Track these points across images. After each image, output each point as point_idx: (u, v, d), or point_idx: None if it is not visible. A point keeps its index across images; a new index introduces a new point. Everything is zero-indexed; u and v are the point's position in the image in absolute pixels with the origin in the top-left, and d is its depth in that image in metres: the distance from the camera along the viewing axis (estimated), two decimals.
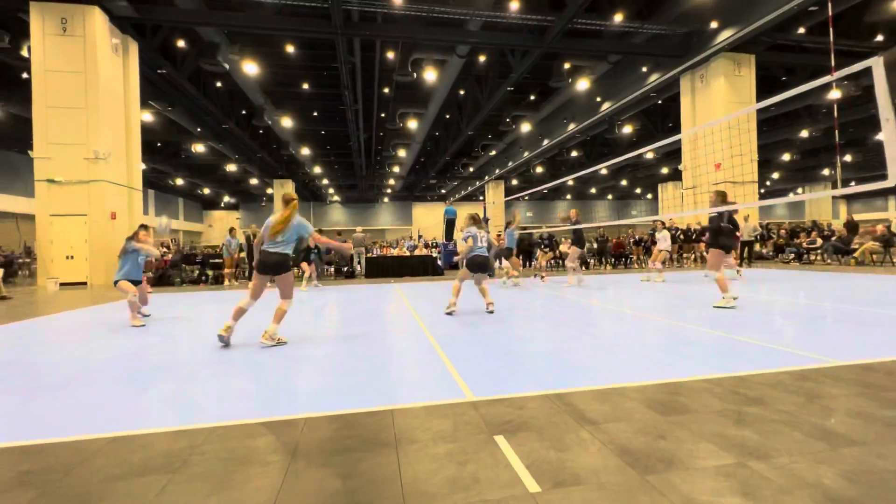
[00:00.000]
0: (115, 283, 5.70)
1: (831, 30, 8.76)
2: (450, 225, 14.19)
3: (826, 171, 33.09)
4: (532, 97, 21.01)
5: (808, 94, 16.81)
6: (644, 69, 16.45)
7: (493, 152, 28.73)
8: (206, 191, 38.37)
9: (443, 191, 43.02)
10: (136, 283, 5.82)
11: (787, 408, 2.41)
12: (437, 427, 2.26)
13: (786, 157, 28.69)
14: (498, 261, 10.65)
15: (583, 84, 17.31)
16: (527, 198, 43.81)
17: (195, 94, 16.69)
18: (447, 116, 23.33)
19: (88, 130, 11.97)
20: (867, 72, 3.13)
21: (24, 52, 12.67)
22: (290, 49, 15.94)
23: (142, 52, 13.83)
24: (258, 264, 4.29)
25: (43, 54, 11.73)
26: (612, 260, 15.05)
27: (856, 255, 12.67)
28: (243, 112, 21.45)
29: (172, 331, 5.30)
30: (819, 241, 14.10)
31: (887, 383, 2.75)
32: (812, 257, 14.11)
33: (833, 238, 14.19)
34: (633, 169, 32.81)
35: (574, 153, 28.52)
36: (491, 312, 5.69)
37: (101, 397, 2.86)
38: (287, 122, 21.50)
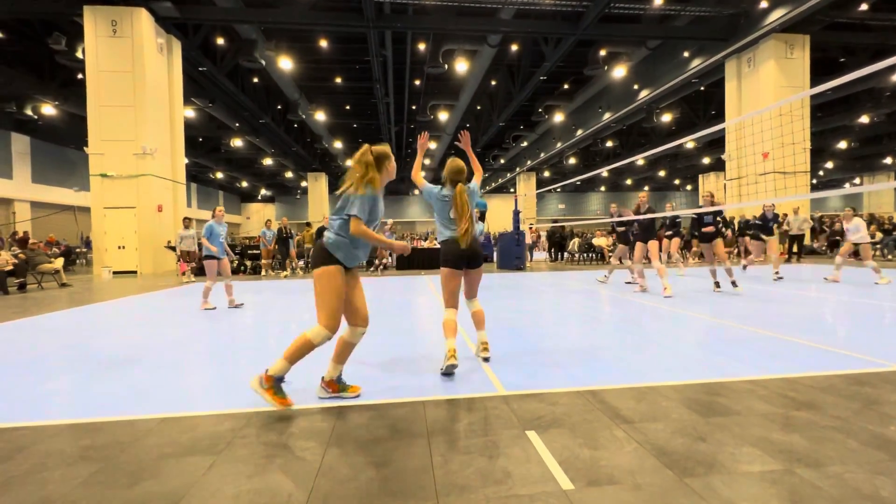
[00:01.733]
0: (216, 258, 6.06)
1: None
2: (481, 218, 14.11)
3: (889, 160, 30.66)
4: (566, 86, 20.48)
5: (870, 76, 15.57)
6: (686, 54, 15.69)
7: (525, 143, 28.29)
8: (244, 184, 39.78)
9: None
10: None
11: (841, 413, 2.27)
12: (468, 420, 2.27)
13: (842, 144, 26.76)
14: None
15: (619, 71, 16.72)
16: (559, 189, 42.94)
17: (234, 90, 17.27)
18: (478, 108, 23.12)
19: (137, 127, 12.63)
20: None
21: (79, 54, 13.46)
22: (323, 44, 16.19)
23: (184, 51, 14.41)
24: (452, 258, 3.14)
25: (96, 55, 12.43)
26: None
27: None
28: (279, 107, 22.03)
29: (218, 319, 5.55)
30: (878, 236, 13.12)
31: None
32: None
33: (895, 232, 13.18)
34: (671, 159, 31.50)
35: (609, 143, 27.67)
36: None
37: (153, 379, 3.04)
38: (320, 116, 21.92)
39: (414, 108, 22.62)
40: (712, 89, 18.98)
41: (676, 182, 41.40)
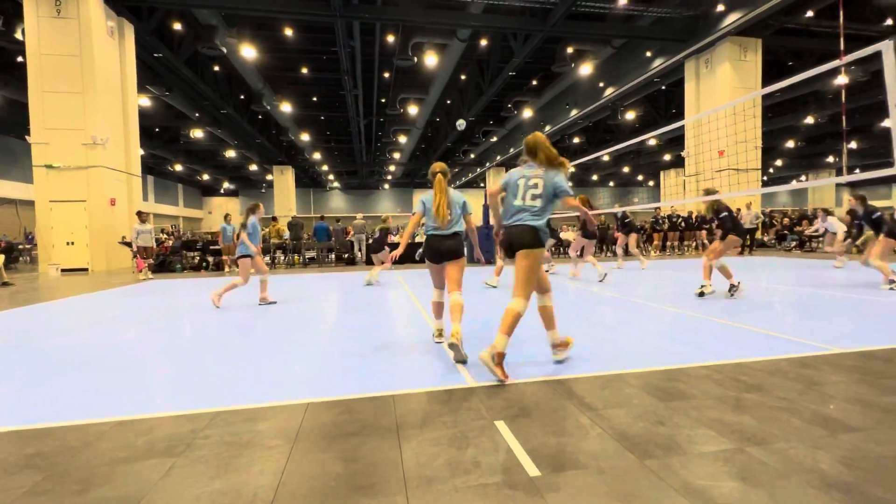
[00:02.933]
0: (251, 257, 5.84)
1: (841, 12, 8.60)
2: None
3: (830, 159, 32.82)
4: (534, 82, 20.74)
5: (815, 79, 16.57)
6: (648, 54, 16.20)
7: (495, 138, 28.50)
8: (206, 177, 38.21)
9: None
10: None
11: (786, 394, 2.42)
12: (438, 412, 2.28)
13: (790, 143, 28.42)
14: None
15: (585, 69, 17.08)
16: None
17: (193, 78, 16.50)
18: (448, 102, 23.07)
19: (86, 115, 11.86)
20: (876, 56, 3.07)
21: (19, 35, 12.49)
22: (288, 33, 15.69)
23: (138, 36, 13.62)
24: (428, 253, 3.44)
25: (37, 37, 11.57)
26: (613, 247, 15.01)
27: (857, 242, 12.64)
28: (242, 97, 21.23)
29: (174, 316, 5.32)
30: (821, 230, 14.04)
31: (886, 370, 2.76)
32: (814, 245, 14.07)
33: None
34: (635, 156, 32.55)
35: (576, 139, 28.28)
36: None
37: (107, 381, 2.89)
38: (286, 108, 21.29)
39: (383, 100, 22.32)
40: (673, 88, 19.71)
41: (640, 178, 42.83)
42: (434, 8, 13.36)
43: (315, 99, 22.89)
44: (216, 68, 18.33)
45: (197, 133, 24.28)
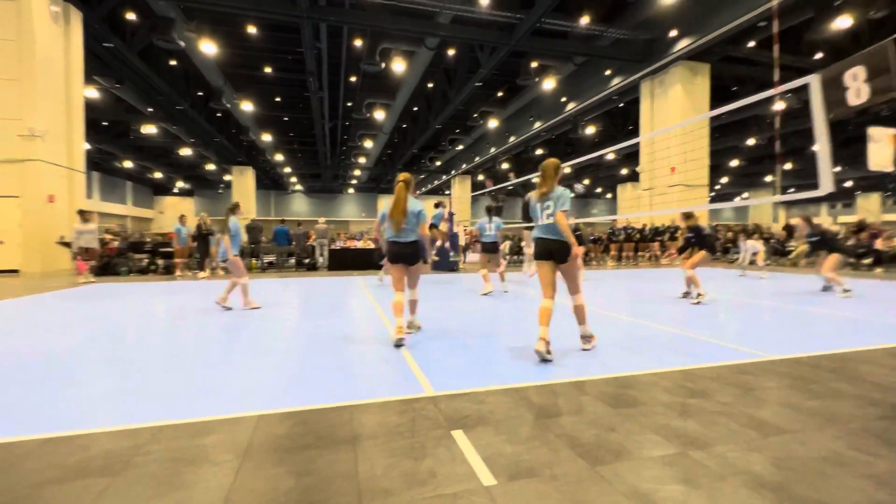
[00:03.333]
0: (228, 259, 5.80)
1: (776, 45, 9.41)
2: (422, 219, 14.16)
3: (769, 178, 35.43)
4: (500, 94, 21.17)
5: (756, 104, 17.89)
6: (607, 72, 16.95)
7: (461, 147, 28.82)
8: (158, 175, 36.23)
9: None
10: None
11: (726, 399, 2.58)
12: (395, 422, 2.26)
13: (734, 162, 30.46)
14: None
15: (549, 83, 17.63)
16: (493, 193, 44.21)
17: (146, 71, 15.68)
18: (415, 109, 23.12)
19: (23, 104, 11.00)
20: (807, 86, 3.37)
21: None
22: (252, 30, 15.26)
23: (86, 23, 12.81)
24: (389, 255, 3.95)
25: None
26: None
27: (791, 256, 13.69)
28: (200, 94, 20.36)
29: (116, 323, 4.99)
30: (742, 253, 15.11)
31: (812, 376, 3.00)
32: (754, 258, 15.09)
33: (772, 241, 15.24)
34: (594, 169, 33.83)
35: (539, 151, 29.05)
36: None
37: (35, 395, 2.66)
38: (248, 107, 20.63)
39: (349, 104, 22.08)
40: (630, 106, 20.69)
41: (599, 190, 44.50)
42: (402, 15, 13.41)
43: (278, 99, 22.32)
44: (173, 62, 17.52)
45: (149, 129, 23.02)
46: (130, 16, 13.98)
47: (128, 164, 30.51)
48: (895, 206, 34.39)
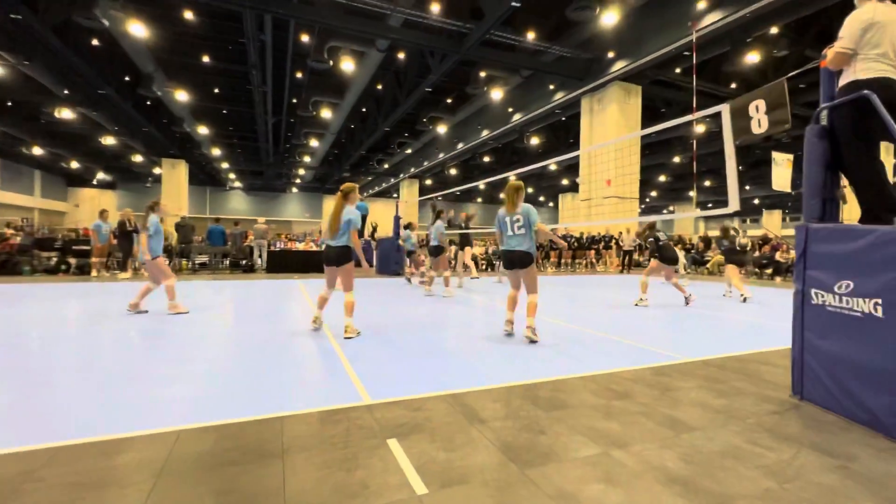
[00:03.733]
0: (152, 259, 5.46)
1: (694, 76, 10.47)
2: (362, 221, 13.95)
3: (692, 193, 38.74)
4: (449, 100, 21.41)
5: (680, 126, 19.51)
6: (551, 87, 17.73)
7: (409, 151, 28.76)
8: (74, 164, 32.73)
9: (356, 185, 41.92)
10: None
11: (645, 400, 2.78)
12: (329, 433, 2.21)
13: (662, 178, 33.01)
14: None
15: (497, 94, 18.13)
16: (440, 198, 44.54)
17: (61, 48, 14.15)
18: (364, 110, 22.78)
19: None
20: (720, 114, 3.74)
21: None
22: (188, 15, 14.28)
23: None
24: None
25: None
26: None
27: (708, 265, 15.04)
28: (126, 78, 18.71)
29: (13, 331, 4.44)
30: (682, 253, 16.47)
31: (719, 376, 3.31)
32: (676, 267, 16.43)
33: (692, 251, 16.67)
34: (538, 178, 35.18)
35: (486, 158, 29.73)
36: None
37: None
38: (182, 96, 19.23)
39: (295, 101, 21.30)
40: (571, 120, 21.76)
41: (542, 199, 46.30)
42: (353, 14, 13.19)
43: (217, 90, 21.01)
44: (95, 42, 15.95)
45: (64, 113, 20.76)
46: None
47: (37, 150, 27.30)
48: (793, 222, 38.96)
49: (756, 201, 38.56)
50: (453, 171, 33.04)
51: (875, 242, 2.36)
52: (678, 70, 15.22)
